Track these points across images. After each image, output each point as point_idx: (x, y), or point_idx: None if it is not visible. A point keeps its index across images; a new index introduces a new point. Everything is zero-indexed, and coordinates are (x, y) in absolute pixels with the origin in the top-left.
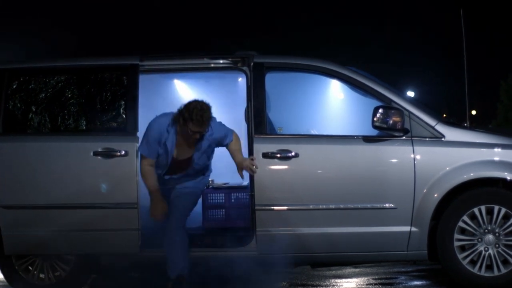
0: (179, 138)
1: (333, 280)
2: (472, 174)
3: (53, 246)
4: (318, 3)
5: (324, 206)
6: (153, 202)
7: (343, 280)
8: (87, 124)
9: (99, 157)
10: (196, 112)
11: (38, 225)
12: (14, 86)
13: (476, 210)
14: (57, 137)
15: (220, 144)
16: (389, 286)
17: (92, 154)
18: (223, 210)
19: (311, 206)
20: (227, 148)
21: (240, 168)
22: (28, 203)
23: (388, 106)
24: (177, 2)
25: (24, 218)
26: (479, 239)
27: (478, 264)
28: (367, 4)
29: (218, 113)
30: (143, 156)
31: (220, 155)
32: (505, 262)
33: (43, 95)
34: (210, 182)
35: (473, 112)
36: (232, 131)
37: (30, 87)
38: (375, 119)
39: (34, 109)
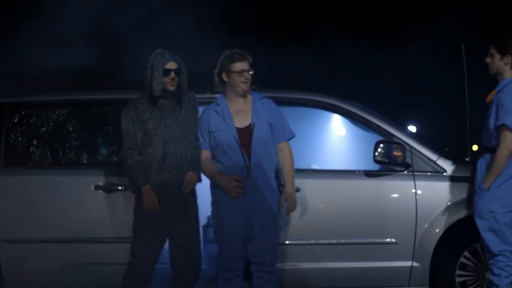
0: (232, 99)
1: None
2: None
3: (54, 281)
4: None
5: (325, 241)
6: (223, 182)
7: None
8: (88, 158)
9: (100, 191)
10: (231, 52)
11: (39, 259)
12: (15, 120)
13: (477, 245)
14: (58, 171)
15: (277, 133)
16: None
17: (93, 188)
18: None
19: (312, 241)
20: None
21: (284, 198)
22: (29, 238)
23: (390, 140)
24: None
25: (25, 253)
26: (481, 275)
27: None
28: (369, 37)
29: None
30: (201, 150)
31: None
32: None
33: (44, 128)
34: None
35: (475, 148)
36: (292, 134)
37: (32, 120)
38: (376, 153)
39: (35, 143)
